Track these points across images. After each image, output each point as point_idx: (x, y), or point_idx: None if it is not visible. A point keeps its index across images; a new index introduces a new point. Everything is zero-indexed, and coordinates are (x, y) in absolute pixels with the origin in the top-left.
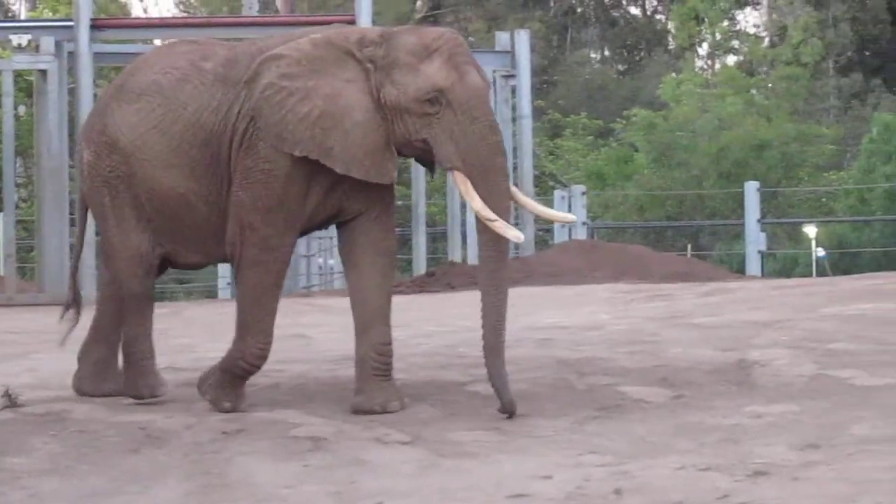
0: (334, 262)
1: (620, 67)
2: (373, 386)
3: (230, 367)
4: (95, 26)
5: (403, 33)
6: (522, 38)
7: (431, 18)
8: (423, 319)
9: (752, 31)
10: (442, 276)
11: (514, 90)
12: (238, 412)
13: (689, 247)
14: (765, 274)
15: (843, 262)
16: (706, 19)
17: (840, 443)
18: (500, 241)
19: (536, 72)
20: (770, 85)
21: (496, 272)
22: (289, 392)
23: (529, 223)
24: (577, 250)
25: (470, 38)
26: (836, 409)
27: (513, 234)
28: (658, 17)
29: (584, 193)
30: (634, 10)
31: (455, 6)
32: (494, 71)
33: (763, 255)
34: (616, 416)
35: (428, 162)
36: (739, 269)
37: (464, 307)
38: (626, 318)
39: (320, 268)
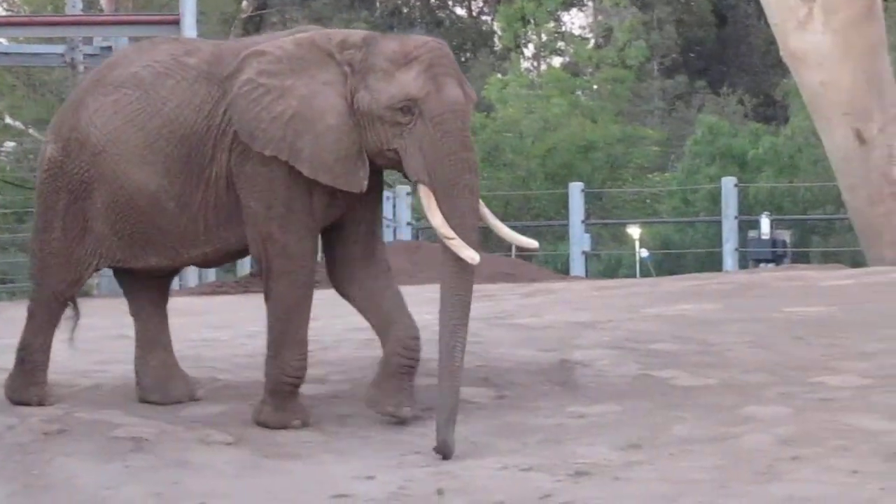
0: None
1: None
2: (392, 384)
3: (277, 387)
4: None
5: (386, 39)
6: None
7: (257, 18)
8: (246, 320)
9: (577, 32)
10: None
11: None
12: (308, 426)
13: (513, 248)
14: (589, 275)
15: (667, 262)
16: (532, 20)
17: (661, 443)
18: (462, 261)
19: None
20: (595, 86)
21: (455, 291)
22: (111, 393)
23: None
24: (401, 251)
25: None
26: (657, 410)
27: (467, 254)
28: (484, 17)
29: (409, 194)
30: (460, 11)
31: (281, 6)
32: None
33: (587, 256)
34: None
35: (405, 173)
36: (564, 270)
37: None
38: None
39: None
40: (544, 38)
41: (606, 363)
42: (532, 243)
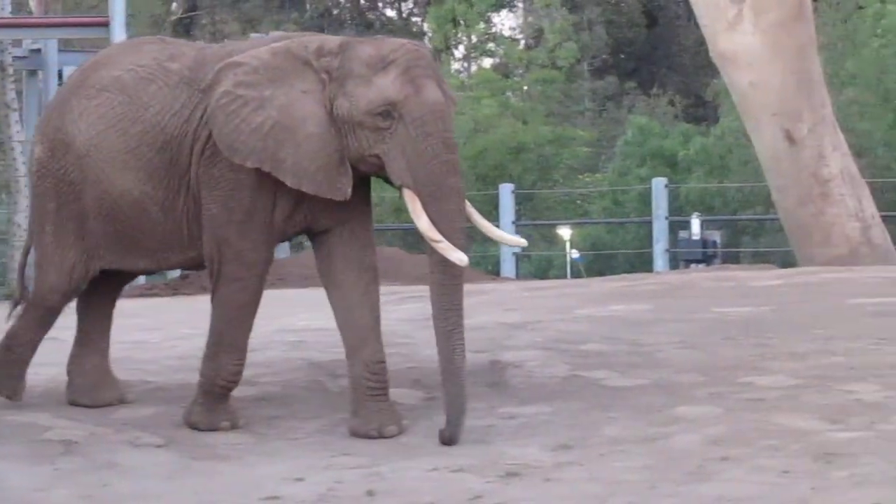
0: None
1: None
2: (369, 408)
3: (209, 388)
4: None
5: (362, 43)
6: None
7: (187, 20)
8: (177, 322)
9: (508, 33)
10: (196, 279)
11: None
12: (237, 428)
13: None
14: (519, 276)
15: (598, 263)
16: (463, 22)
17: (592, 443)
18: (450, 264)
19: None
20: (526, 88)
21: (446, 296)
22: (40, 396)
23: None
24: None
25: (225, 41)
26: (588, 410)
27: (456, 256)
28: (414, 19)
29: None
30: (390, 13)
31: (211, 8)
32: None
33: (518, 257)
34: None
35: (389, 179)
36: (494, 271)
37: None
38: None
39: None
40: (475, 39)
41: (537, 364)
42: (520, 241)
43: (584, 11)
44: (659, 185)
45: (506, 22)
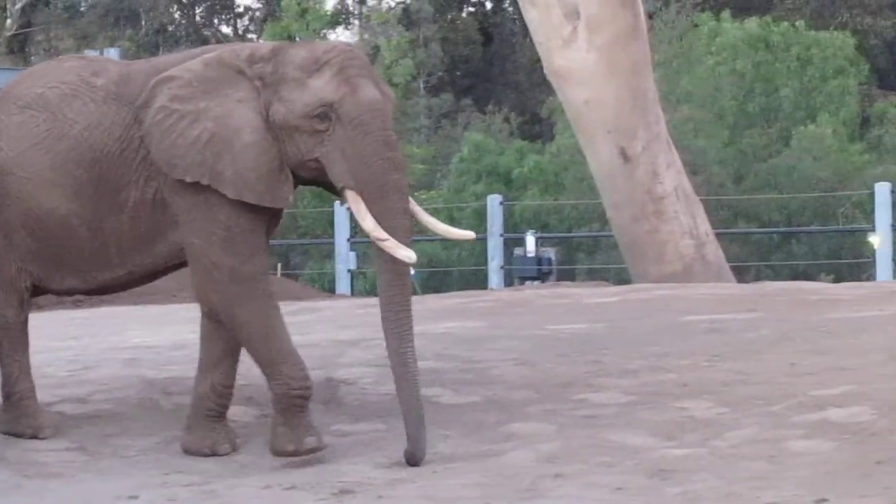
0: None
1: None
2: (204, 426)
3: (286, 404)
4: None
5: (294, 47)
6: (112, 57)
7: (22, 37)
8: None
9: None
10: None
11: None
12: (323, 445)
13: (279, 266)
14: (354, 293)
15: (433, 280)
16: (299, 39)
17: (425, 461)
18: (398, 263)
19: None
20: None
21: (396, 297)
22: None
23: None
24: None
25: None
26: None
27: (403, 253)
28: (250, 36)
29: None
30: (226, 29)
31: (46, 24)
32: None
33: (353, 275)
34: None
35: (329, 185)
36: (329, 289)
37: (55, 327)
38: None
39: None
40: None
41: (370, 381)
42: (468, 235)
43: (420, 28)
44: (494, 202)
45: (342, 39)
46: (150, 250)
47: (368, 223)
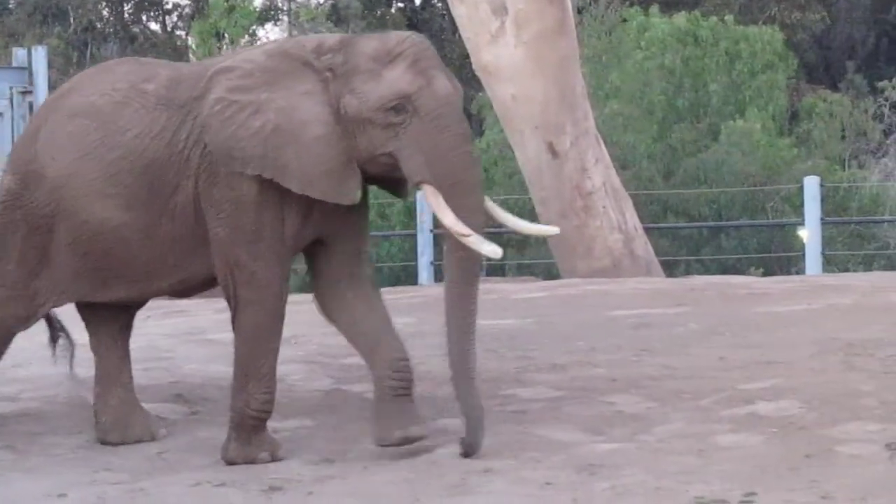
0: None
1: None
2: (391, 409)
3: (241, 421)
4: None
5: (364, 39)
6: (40, 55)
7: None
8: None
9: None
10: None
11: (31, 106)
12: (278, 459)
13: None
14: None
15: None
16: (227, 35)
17: (354, 457)
18: (472, 261)
19: (55, 87)
20: None
21: (466, 293)
22: None
23: None
24: None
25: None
26: (350, 424)
27: (488, 248)
28: (178, 33)
29: None
30: (154, 26)
31: None
32: (11, 87)
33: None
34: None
35: (395, 183)
36: None
37: None
38: (142, 335)
39: None
40: None
41: (299, 378)
42: (551, 230)
43: (349, 25)
44: (423, 197)
45: (271, 35)
46: (203, 256)
47: (449, 218)
